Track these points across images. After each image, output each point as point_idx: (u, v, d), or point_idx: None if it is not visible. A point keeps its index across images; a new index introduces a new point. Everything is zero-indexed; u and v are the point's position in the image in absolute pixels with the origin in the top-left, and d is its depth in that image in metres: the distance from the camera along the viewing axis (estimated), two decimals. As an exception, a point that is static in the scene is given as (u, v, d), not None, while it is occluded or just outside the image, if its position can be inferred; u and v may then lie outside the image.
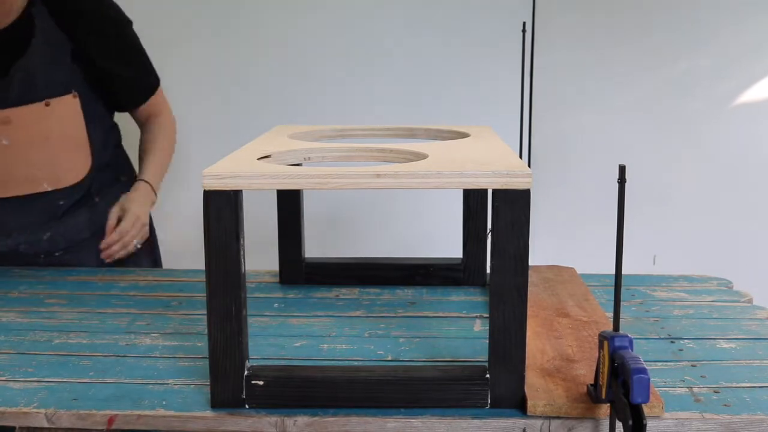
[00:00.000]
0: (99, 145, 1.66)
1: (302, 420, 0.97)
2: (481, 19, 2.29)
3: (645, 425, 0.85)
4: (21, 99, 1.52)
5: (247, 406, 0.98)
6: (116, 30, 1.64)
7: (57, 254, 1.65)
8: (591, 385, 0.98)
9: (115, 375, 1.08)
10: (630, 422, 0.86)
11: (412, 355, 1.15)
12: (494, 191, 0.94)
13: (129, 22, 1.67)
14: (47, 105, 1.53)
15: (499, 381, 0.98)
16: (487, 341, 0.97)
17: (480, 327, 1.26)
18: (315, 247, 1.71)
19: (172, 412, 0.98)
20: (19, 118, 1.53)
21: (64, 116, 1.57)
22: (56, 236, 1.63)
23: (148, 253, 1.77)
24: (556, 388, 1.00)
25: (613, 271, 0.92)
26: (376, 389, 0.98)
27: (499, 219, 0.94)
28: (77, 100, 1.58)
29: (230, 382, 0.98)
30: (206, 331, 0.98)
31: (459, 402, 0.98)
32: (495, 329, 0.96)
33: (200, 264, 0.98)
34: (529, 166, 1.00)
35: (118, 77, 1.65)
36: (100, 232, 1.64)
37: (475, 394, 0.98)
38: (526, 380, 0.99)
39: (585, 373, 1.04)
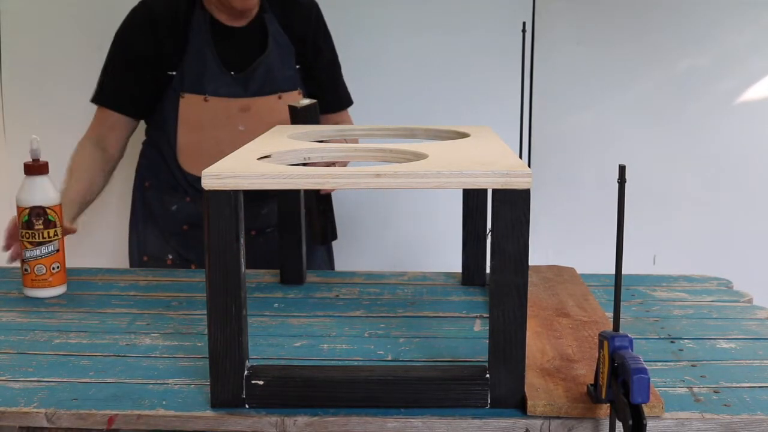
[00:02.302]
0: None
1: (302, 420, 0.97)
2: (481, 19, 2.29)
3: (645, 425, 0.85)
4: (260, 90, 1.73)
5: (247, 406, 0.98)
6: (328, 42, 1.85)
7: (268, 230, 1.76)
8: (591, 385, 0.98)
9: (115, 375, 1.08)
10: (630, 422, 0.86)
11: (412, 355, 1.15)
12: (494, 191, 0.94)
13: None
14: (279, 98, 1.73)
15: (499, 381, 0.97)
16: (487, 341, 0.97)
17: (480, 327, 1.26)
18: (315, 247, 1.71)
19: (172, 412, 0.98)
20: (257, 107, 1.73)
21: None
22: (271, 212, 1.76)
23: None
24: (556, 388, 1.00)
25: (613, 271, 0.92)
26: (376, 389, 0.98)
27: (499, 219, 0.94)
28: (301, 97, 1.76)
29: (230, 382, 0.98)
30: (206, 331, 0.98)
31: (459, 402, 0.98)
32: (495, 329, 0.96)
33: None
34: (529, 166, 1.00)
35: (323, 87, 1.82)
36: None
37: (475, 394, 0.98)
38: (526, 380, 0.99)
39: (585, 373, 1.04)
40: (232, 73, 1.72)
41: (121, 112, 1.73)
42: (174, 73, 1.69)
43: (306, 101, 1.60)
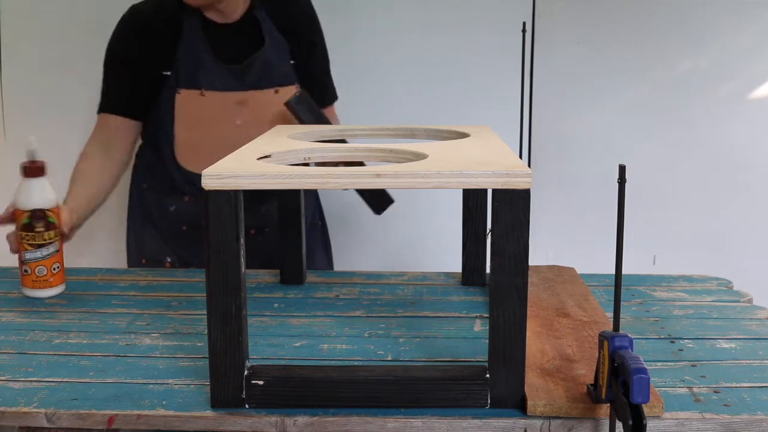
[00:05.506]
0: None
1: (302, 420, 0.97)
2: (482, 19, 2.29)
3: (645, 425, 0.85)
4: (256, 84, 1.72)
5: (247, 406, 0.98)
6: (321, 36, 1.85)
7: (267, 230, 1.76)
8: (591, 385, 0.98)
9: (115, 375, 1.08)
10: (630, 422, 0.86)
11: (412, 355, 1.15)
12: (494, 191, 0.94)
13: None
14: (276, 92, 1.73)
15: (499, 381, 0.98)
16: (487, 341, 0.97)
17: (480, 327, 1.26)
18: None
19: (172, 412, 0.98)
20: (253, 100, 1.72)
21: None
22: (270, 211, 1.75)
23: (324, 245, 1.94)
24: (556, 388, 1.00)
25: (613, 271, 0.92)
26: (376, 389, 0.98)
27: (499, 219, 0.94)
28: (296, 91, 1.74)
29: (230, 382, 0.98)
30: (206, 331, 0.98)
31: (459, 402, 0.98)
32: (495, 329, 0.96)
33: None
34: (529, 166, 1.00)
35: (316, 80, 1.82)
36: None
37: (475, 394, 0.98)
38: (526, 380, 0.99)
39: (585, 373, 1.04)
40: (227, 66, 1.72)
41: (121, 114, 1.72)
42: (169, 72, 1.69)
43: (296, 93, 1.59)
